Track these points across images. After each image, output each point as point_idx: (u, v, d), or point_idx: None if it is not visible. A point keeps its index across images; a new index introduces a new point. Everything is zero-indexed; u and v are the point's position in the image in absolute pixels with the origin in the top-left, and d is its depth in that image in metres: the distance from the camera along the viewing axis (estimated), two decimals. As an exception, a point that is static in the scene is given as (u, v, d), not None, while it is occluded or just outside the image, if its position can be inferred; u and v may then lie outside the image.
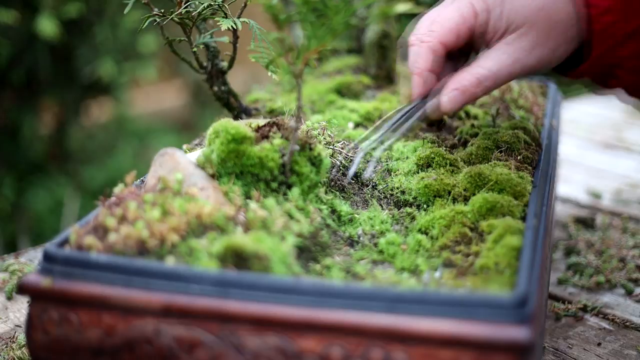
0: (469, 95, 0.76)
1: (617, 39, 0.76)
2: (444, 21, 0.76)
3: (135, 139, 2.72)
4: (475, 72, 0.75)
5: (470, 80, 0.75)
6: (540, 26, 0.75)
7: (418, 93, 0.77)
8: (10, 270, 0.99)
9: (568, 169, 1.40)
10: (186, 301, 0.57)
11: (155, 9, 0.83)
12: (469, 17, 0.75)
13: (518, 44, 0.75)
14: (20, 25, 1.94)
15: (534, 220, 0.67)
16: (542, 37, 0.75)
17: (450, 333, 0.53)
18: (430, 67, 0.76)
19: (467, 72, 0.76)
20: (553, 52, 0.76)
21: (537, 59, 0.76)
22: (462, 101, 0.76)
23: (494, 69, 0.75)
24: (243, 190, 0.70)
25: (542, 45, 0.75)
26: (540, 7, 0.75)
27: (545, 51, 0.76)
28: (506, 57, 0.75)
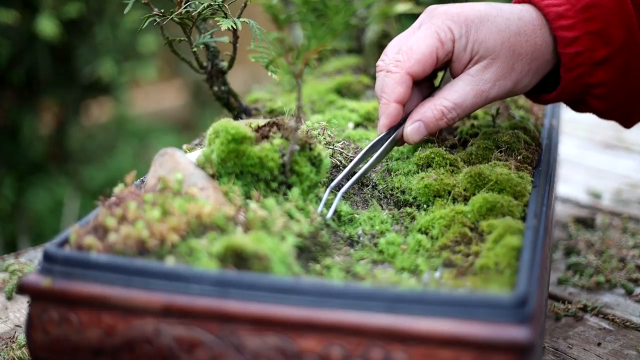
0: (433, 127, 0.77)
1: (585, 68, 0.77)
2: (410, 51, 0.76)
3: (135, 139, 2.72)
4: (438, 105, 0.77)
5: (434, 113, 0.77)
6: (503, 59, 0.76)
7: (384, 124, 0.78)
8: (10, 270, 0.99)
9: (568, 169, 1.40)
10: (186, 301, 0.57)
11: (155, 9, 0.83)
12: (436, 48, 0.76)
13: (481, 76, 0.76)
14: (20, 25, 1.95)
15: (534, 220, 0.67)
16: (505, 70, 0.76)
17: (450, 333, 0.53)
18: (398, 98, 0.77)
19: (432, 104, 0.77)
20: (516, 84, 0.77)
21: (500, 91, 0.77)
22: (425, 133, 0.78)
23: (457, 101, 0.76)
24: (243, 190, 0.70)
25: (505, 78, 0.76)
26: (505, 39, 0.75)
27: (508, 83, 0.77)
28: (469, 89, 0.76)
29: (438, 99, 0.77)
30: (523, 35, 0.76)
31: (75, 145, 2.43)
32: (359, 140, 0.88)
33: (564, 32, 0.76)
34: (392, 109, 0.77)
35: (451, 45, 0.76)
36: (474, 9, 0.76)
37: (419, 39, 0.76)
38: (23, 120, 2.15)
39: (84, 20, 2.11)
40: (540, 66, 0.78)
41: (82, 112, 2.38)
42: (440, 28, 0.76)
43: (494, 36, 0.75)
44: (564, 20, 0.76)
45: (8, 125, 2.16)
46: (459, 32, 0.75)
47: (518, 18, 0.77)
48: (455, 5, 0.77)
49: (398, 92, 0.76)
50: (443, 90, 0.77)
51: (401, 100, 0.77)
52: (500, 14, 0.76)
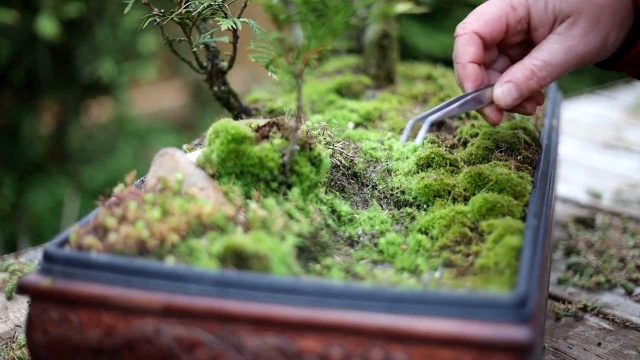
0: (524, 88, 0.75)
1: None
2: (480, 13, 0.77)
3: (135, 139, 2.72)
4: (527, 64, 0.75)
5: (523, 72, 0.75)
6: (588, 12, 0.74)
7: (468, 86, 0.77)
8: (10, 270, 0.99)
9: (568, 169, 1.40)
10: (186, 301, 0.57)
11: (155, 9, 0.83)
12: (505, 11, 0.75)
13: (569, 32, 0.74)
14: (20, 25, 1.94)
15: (534, 220, 0.67)
16: (592, 23, 0.74)
17: (450, 333, 0.53)
18: (471, 58, 0.76)
19: (520, 64, 0.76)
20: (605, 38, 0.75)
21: (590, 45, 0.75)
22: (516, 95, 0.76)
23: (546, 59, 0.75)
24: (243, 190, 0.70)
25: (593, 31, 0.74)
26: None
27: (597, 37, 0.74)
28: (558, 47, 0.75)
29: (527, 59, 0.76)
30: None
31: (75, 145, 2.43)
32: (359, 140, 0.88)
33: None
34: (469, 69, 0.76)
35: (524, 12, 0.75)
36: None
37: (492, 3, 0.76)
38: (23, 120, 2.15)
39: (84, 20, 2.11)
40: (625, 18, 0.75)
41: (82, 112, 2.38)
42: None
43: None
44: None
45: (8, 125, 2.16)
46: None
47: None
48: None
49: (469, 51, 0.76)
50: (532, 52, 0.76)
51: (474, 59, 0.76)
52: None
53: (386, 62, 1.11)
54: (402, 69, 1.18)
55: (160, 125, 3.03)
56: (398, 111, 0.98)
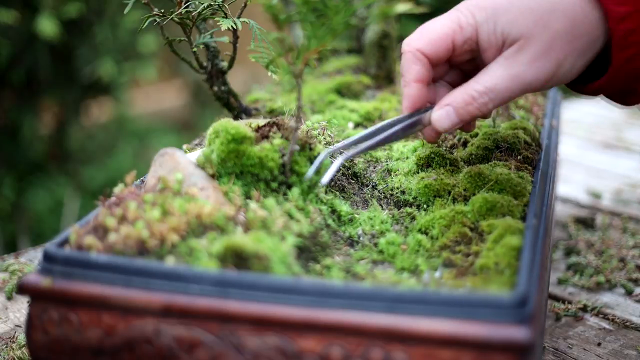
0: (463, 113, 0.72)
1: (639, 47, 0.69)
2: (426, 31, 0.73)
3: (135, 139, 2.72)
4: (469, 88, 0.71)
5: (463, 96, 0.71)
6: (540, 37, 0.69)
7: (406, 106, 0.74)
8: (10, 270, 0.99)
9: (568, 169, 1.40)
10: (186, 301, 0.57)
11: (155, 9, 0.83)
12: (451, 30, 0.72)
13: (515, 57, 0.69)
14: (20, 25, 1.94)
15: (534, 220, 0.67)
16: (542, 49, 0.69)
17: (450, 333, 0.53)
18: (416, 77, 0.73)
19: (462, 88, 0.72)
20: (558, 65, 0.70)
21: (538, 73, 0.70)
22: (456, 120, 0.72)
23: (489, 85, 0.70)
24: (243, 190, 0.70)
25: (543, 58, 0.69)
26: (537, 17, 0.69)
27: (547, 65, 0.69)
28: (503, 72, 0.70)
29: (470, 83, 0.72)
30: (560, 12, 0.69)
31: (75, 145, 2.43)
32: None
33: (616, 7, 0.68)
34: (412, 89, 0.73)
35: (472, 32, 0.71)
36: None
37: (438, 20, 0.73)
38: (23, 120, 2.15)
39: (84, 20, 2.11)
40: (586, 45, 0.70)
41: (82, 112, 2.38)
42: (462, 12, 0.72)
43: (524, 16, 0.69)
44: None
45: (8, 125, 2.16)
46: (483, 16, 0.70)
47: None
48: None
49: (414, 70, 0.73)
50: (478, 75, 0.72)
51: (419, 78, 0.73)
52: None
53: (386, 62, 1.11)
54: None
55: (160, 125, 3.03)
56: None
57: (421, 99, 0.74)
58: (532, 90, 0.71)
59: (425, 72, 0.73)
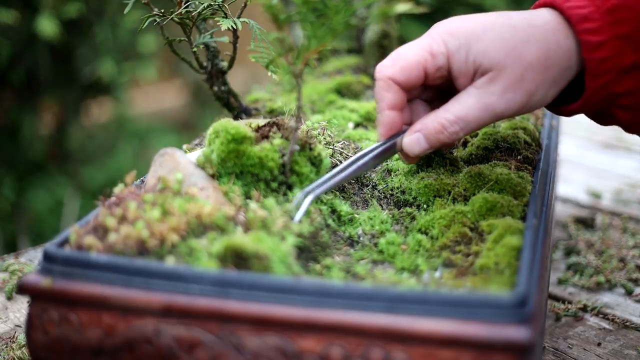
0: (434, 140, 0.72)
1: (612, 75, 0.70)
2: (397, 57, 0.73)
3: (135, 139, 2.72)
4: (440, 116, 0.71)
5: (434, 125, 0.72)
6: (511, 69, 0.69)
7: (381, 133, 0.74)
8: (10, 270, 0.99)
9: (568, 169, 1.40)
10: (186, 301, 0.57)
11: (155, 9, 0.83)
12: (423, 58, 0.71)
13: (487, 88, 0.70)
14: (20, 25, 1.95)
15: (534, 220, 0.67)
16: (513, 81, 0.69)
17: (450, 333, 0.53)
18: (388, 104, 0.73)
19: (434, 115, 0.72)
20: (530, 96, 0.70)
21: (510, 104, 0.70)
22: (426, 146, 0.72)
23: (460, 114, 0.70)
24: (243, 190, 0.70)
25: (514, 90, 0.69)
26: (510, 48, 0.69)
27: (518, 96, 0.70)
28: (473, 102, 0.70)
29: (441, 111, 0.72)
30: (533, 43, 0.69)
31: (75, 145, 2.43)
32: (359, 140, 0.88)
33: (589, 36, 0.69)
34: (386, 116, 0.74)
35: (444, 60, 0.71)
36: (478, 21, 0.72)
37: (410, 47, 0.73)
38: (23, 120, 2.15)
39: (84, 20, 2.11)
40: (558, 74, 0.71)
41: (82, 112, 2.38)
42: (435, 40, 0.72)
43: (497, 46, 0.69)
44: (589, 23, 0.69)
45: (8, 125, 2.16)
46: (455, 45, 0.70)
47: (527, 24, 0.71)
48: (459, 19, 0.73)
49: (387, 98, 0.73)
50: (449, 102, 0.72)
51: (391, 106, 0.73)
52: (507, 22, 0.71)
53: (386, 62, 1.11)
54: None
55: (160, 125, 3.03)
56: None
57: (396, 125, 0.74)
58: (502, 118, 0.71)
59: (399, 99, 0.73)
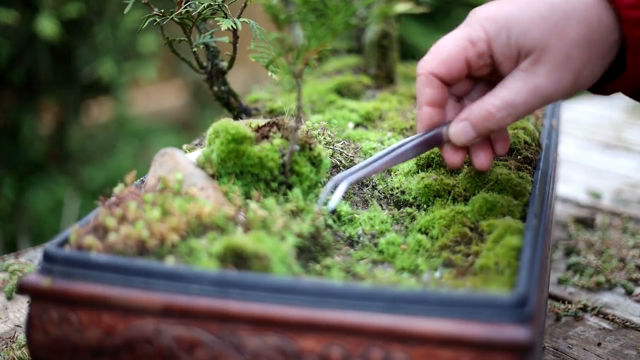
0: (481, 128, 0.69)
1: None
2: (437, 51, 0.71)
3: (135, 139, 2.72)
4: (487, 102, 0.69)
5: (480, 111, 0.69)
6: (555, 47, 0.66)
7: (418, 129, 0.73)
8: (10, 270, 0.99)
9: (568, 169, 1.40)
10: (186, 301, 0.57)
11: (155, 9, 0.83)
12: (463, 48, 0.69)
13: (533, 69, 0.67)
14: (20, 25, 1.94)
15: (534, 220, 0.67)
16: (560, 59, 0.66)
17: (450, 333, 0.53)
18: (427, 100, 0.71)
19: (480, 103, 0.70)
20: (578, 74, 0.67)
21: (557, 85, 0.67)
22: (473, 134, 0.70)
23: (507, 98, 0.68)
24: (243, 190, 0.70)
25: (562, 69, 0.67)
26: (552, 26, 0.66)
27: (566, 75, 0.67)
28: (521, 85, 0.67)
29: (487, 97, 0.69)
30: (574, 19, 0.66)
31: (75, 145, 2.43)
32: (359, 140, 0.88)
33: (629, 11, 0.66)
34: (423, 113, 0.72)
35: (485, 46, 0.68)
36: (515, 2, 0.69)
37: (449, 38, 0.70)
38: (23, 120, 2.15)
39: (84, 20, 2.11)
40: (603, 51, 0.68)
41: (82, 112, 2.38)
42: (473, 27, 0.69)
43: (538, 25, 0.66)
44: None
45: (8, 125, 2.16)
46: (495, 28, 0.67)
47: (565, 1, 0.67)
48: (495, 3, 0.70)
49: (426, 94, 0.71)
50: (495, 88, 0.69)
51: (431, 102, 0.71)
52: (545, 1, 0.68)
53: (386, 62, 1.11)
54: (402, 69, 1.18)
55: (160, 125, 3.03)
56: (398, 111, 0.98)
57: (434, 122, 0.72)
58: (552, 101, 0.69)
59: (439, 95, 0.71)
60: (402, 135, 0.90)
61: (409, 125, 0.92)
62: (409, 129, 0.91)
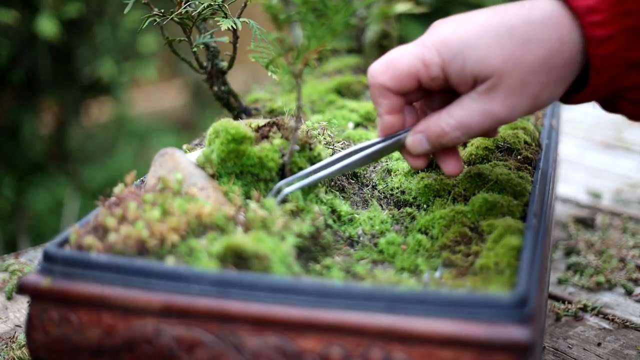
0: (435, 143, 0.70)
1: (619, 70, 0.67)
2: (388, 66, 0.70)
3: (135, 139, 2.72)
4: (442, 120, 0.69)
5: (435, 127, 0.69)
6: (512, 74, 0.65)
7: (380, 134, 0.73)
8: (10, 270, 0.99)
9: (568, 169, 1.40)
10: (186, 301, 0.57)
11: (155, 9, 0.83)
12: (415, 68, 0.68)
13: (488, 95, 0.66)
14: (20, 25, 1.95)
15: (534, 220, 0.67)
16: (516, 86, 0.66)
17: (450, 333, 0.53)
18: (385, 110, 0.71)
19: (436, 118, 0.70)
20: (536, 98, 0.67)
21: (512, 110, 0.67)
22: (427, 147, 0.71)
23: (462, 119, 0.68)
24: (243, 190, 0.70)
25: (518, 95, 0.66)
26: (509, 53, 0.65)
27: (523, 100, 0.67)
28: (476, 108, 0.67)
29: (443, 114, 0.69)
30: (533, 42, 0.66)
31: (75, 145, 2.43)
32: (359, 140, 0.88)
33: (596, 30, 0.65)
34: (385, 121, 0.72)
35: (438, 70, 0.67)
36: (472, 24, 0.68)
37: (402, 54, 0.69)
38: (23, 120, 2.15)
39: (84, 20, 2.11)
40: (564, 72, 0.67)
41: (82, 112, 2.38)
42: (428, 50, 0.68)
43: (495, 52, 0.66)
44: (596, 15, 0.65)
45: (8, 125, 2.16)
46: (450, 54, 0.67)
47: (525, 21, 0.66)
48: (452, 24, 0.69)
49: (384, 104, 0.71)
50: (452, 105, 0.69)
51: (389, 111, 0.71)
52: (503, 21, 0.67)
53: (386, 62, 1.11)
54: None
55: (160, 125, 3.03)
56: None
57: (394, 128, 0.72)
58: (507, 123, 0.69)
59: (395, 103, 0.71)
60: None
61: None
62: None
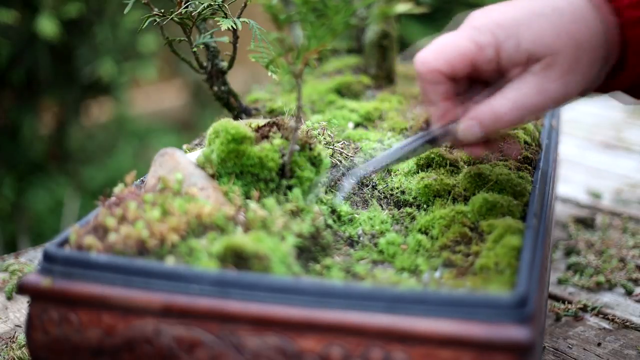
0: (489, 128, 0.69)
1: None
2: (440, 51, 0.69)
3: (135, 139, 2.72)
4: (494, 104, 0.68)
5: (487, 112, 0.69)
6: (566, 52, 0.66)
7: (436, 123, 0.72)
8: (10, 270, 0.99)
9: (568, 169, 1.40)
10: (186, 301, 0.57)
11: (155, 9, 0.83)
12: (469, 50, 0.68)
13: (544, 73, 0.67)
14: (20, 25, 1.94)
15: (534, 220, 0.67)
16: (571, 63, 0.66)
17: (450, 333, 0.53)
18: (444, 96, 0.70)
19: (488, 103, 0.69)
20: (585, 76, 0.68)
21: (567, 88, 0.67)
22: (478, 133, 0.69)
23: (517, 101, 0.67)
24: (243, 190, 0.70)
25: (572, 72, 0.67)
26: (562, 30, 0.66)
27: (576, 77, 0.67)
28: (530, 88, 0.67)
29: (497, 98, 0.68)
30: (580, 22, 0.67)
31: (75, 145, 2.43)
32: (359, 140, 0.88)
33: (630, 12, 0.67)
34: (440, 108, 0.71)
35: (492, 52, 0.67)
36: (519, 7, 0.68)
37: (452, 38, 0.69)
38: (23, 120, 2.15)
39: (84, 20, 2.11)
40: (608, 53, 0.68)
41: (82, 112, 2.38)
42: (481, 32, 0.68)
43: (548, 31, 0.66)
44: None
45: (8, 125, 2.16)
46: (504, 35, 0.67)
47: (568, 3, 0.67)
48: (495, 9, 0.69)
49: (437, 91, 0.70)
50: (505, 88, 0.69)
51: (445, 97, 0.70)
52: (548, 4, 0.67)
53: (386, 62, 1.11)
54: (402, 69, 1.18)
55: (160, 125, 3.03)
56: (398, 111, 0.98)
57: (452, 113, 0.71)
58: (560, 104, 0.69)
59: (450, 89, 0.70)
60: (402, 135, 0.90)
61: (409, 125, 0.92)
62: (409, 129, 0.91)
